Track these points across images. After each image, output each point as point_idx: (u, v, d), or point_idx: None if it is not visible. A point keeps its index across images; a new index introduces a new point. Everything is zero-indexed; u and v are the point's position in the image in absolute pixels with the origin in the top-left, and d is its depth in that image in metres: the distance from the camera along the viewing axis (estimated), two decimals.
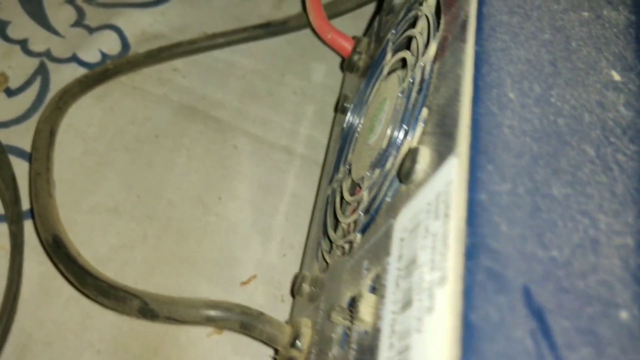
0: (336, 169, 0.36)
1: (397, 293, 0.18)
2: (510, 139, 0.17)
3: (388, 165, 0.26)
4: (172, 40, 0.46)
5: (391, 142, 0.26)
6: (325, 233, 0.33)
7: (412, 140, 0.23)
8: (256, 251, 0.39)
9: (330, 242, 0.31)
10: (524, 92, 0.18)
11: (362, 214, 0.26)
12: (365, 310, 0.20)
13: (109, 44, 0.45)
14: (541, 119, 0.18)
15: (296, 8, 0.52)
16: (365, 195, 0.27)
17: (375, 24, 0.39)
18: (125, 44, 0.45)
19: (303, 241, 0.40)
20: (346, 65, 0.41)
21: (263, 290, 0.38)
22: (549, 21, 0.21)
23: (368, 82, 0.35)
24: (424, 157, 0.20)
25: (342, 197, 0.32)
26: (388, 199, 0.23)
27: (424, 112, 0.22)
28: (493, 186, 0.16)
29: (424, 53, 0.25)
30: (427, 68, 0.24)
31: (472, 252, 0.15)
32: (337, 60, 0.51)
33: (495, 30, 0.20)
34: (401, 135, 0.25)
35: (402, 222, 0.20)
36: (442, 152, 0.18)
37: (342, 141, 0.37)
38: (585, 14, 0.22)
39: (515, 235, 0.15)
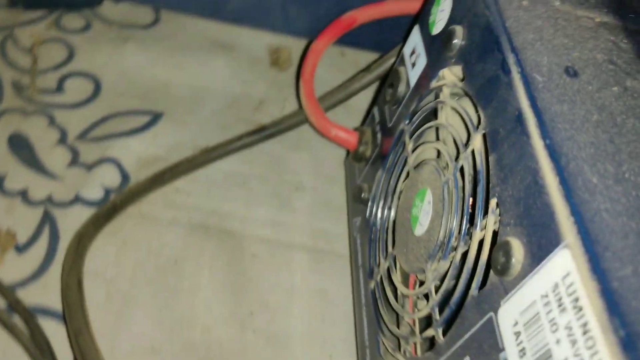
0: (374, 262, 0.36)
1: None
2: (611, 223, 0.18)
3: (452, 256, 0.26)
4: (169, 161, 0.46)
5: (451, 234, 0.27)
6: (381, 329, 0.33)
7: (484, 232, 0.24)
8: (302, 358, 0.38)
9: (397, 338, 0.31)
10: (602, 175, 0.20)
11: (436, 308, 0.27)
12: None
13: (109, 177, 0.44)
14: (627, 197, 0.19)
15: (275, 108, 0.54)
16: (432, 288, 0.27)
17: (376, 114, 0.40)
18: (124, 174, 0.45)
19: (345, 339, 0.40)
20: (353, 156, 0.42)
21: None
22: (591, 102, 0.23)
23: (389, 173, 0.36)
24: (517, 249, 0.20)
25: (395, 291, 0.33)
26: (474, 292, 0.23)
27: (493, 203, 0.23)
28: (618, 272, 0.17)
29: (466, 145, 0.26)
30: (478, 159, 0.25)
31: (630, 343, 0.15)
32: (327, 149, 0.52)
33: (554, 121, 0.21)
34: (463, 226, 0.25)
35: (509, 315, 0.21)
36: (542, 244, 0.19)
37: (371, 233, 0.37)
38: (615, 88, 0.24)
39: None
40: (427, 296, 0.28)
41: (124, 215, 0.42)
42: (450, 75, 0.31)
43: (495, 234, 0.23)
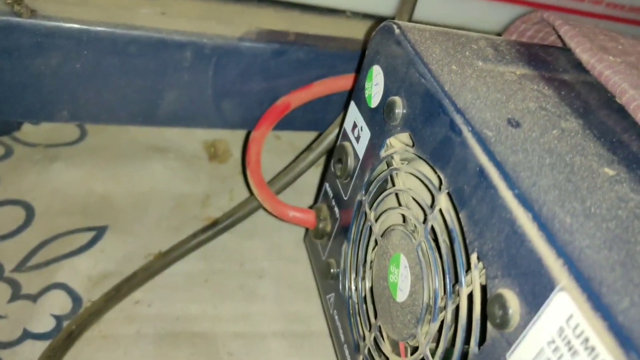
0: (358, 335, 0.36)
1: None
2: (596, 258, 0.19)
3: (442, 316, 0.27)
4: (122, 274, 0.44)
5: (436, 294, 0.27)
6: None
7: (470, 287, 0.24)
8: None
9: None
10: (573, 214, 0.21)
11: None
12: None
13: (59, 304, 0.42)
14: (600, 230, 0.20)
15: (223, 200, 0.54)
16: (427, 352, 0.27)
17: (329, 189, 0.41)
18: (75, 298, 0.42)
19: None
20: (313, 234, 0.42)
21: None
22: (540, 148, 0.24)
23: (355, 244, 0.36)
24: (512, 300, 0.21)
25: None
26: (474, 350, 0.24)
27: (474, 257, 0.24)
28: (619, 305, 0.18)
29: (432, 206, 0.27)
30: (448, 218, 0.26)
31: None
32: (282, 231, 0.52)
33: (516, 171, 0.22)
34: (447, 285, 0.26)
35: None
36: (536, 291, 0.20)
37: (349, 307, 0.37)
38: (554, 132, 0.26)
39: None
40: None
41: (82, 341, 0.40)
42: (398, 142, 0.32)
43: (484, 287, 0.23)
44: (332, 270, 0.39)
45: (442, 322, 0.26)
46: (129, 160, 0.55)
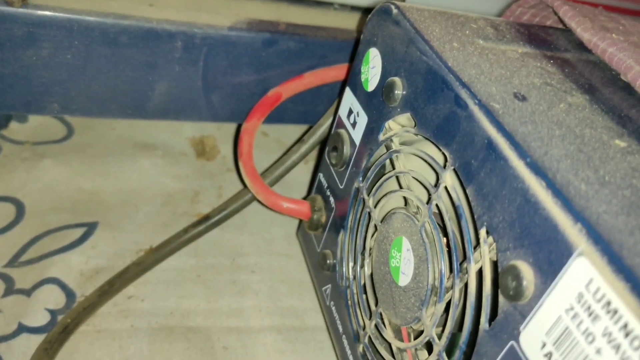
0: (358, 324, 0.35)
1: None
2: (614, 223, 0.19)
3: (449, 296, 0.26)
4: (114, 269, 0.43)
5: (442, 274, 0.26)
6: None
7: (479, 263, 0.24)
8: None
9: None
10: (587, 182, 0.20)
11: (443, 353, 0.26)
12: None
13: (53, 298, 0.40)
14: (616, 197, 0.20)
15: (212, 197, 0.53)
16: (434, 334, 0.27)
17: (323, 180, 0.40)
18: (69, 292, 0.41)
19: None
20: (308, 226, 0.41)
21: None
22: (548, 120, 0.24)
23: (352, 233, 0.35)
24: (526, 270, 0.20)
25: (389, 347, 0.31)
26: (485, 326, 0.23)
27: (483, 232, 0.23)
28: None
29: (436, 185, 0.27)
30: (454, 195, 0.25)
31: None
32: (273, 225, 0.51)
33: (526, 141, 0.22)
34: (454, 263, 0.25)
35: (534, 338, 0.20)
36: (552, 258, 0.19)
37: (346, 297, 0.36)
38: (562, 105, 0.26)
39: None
40: (429, 344, 0.28)
41: (77, 335, 0.39)
42: (396, 125, 0.32)
43: (494, 263, 0.23)
44: (328, 262, 0.39)
45: (449, 302, 0.26)
46: (116, 157, 0.54)
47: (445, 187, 0.26)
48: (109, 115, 0.46)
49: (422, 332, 0.28)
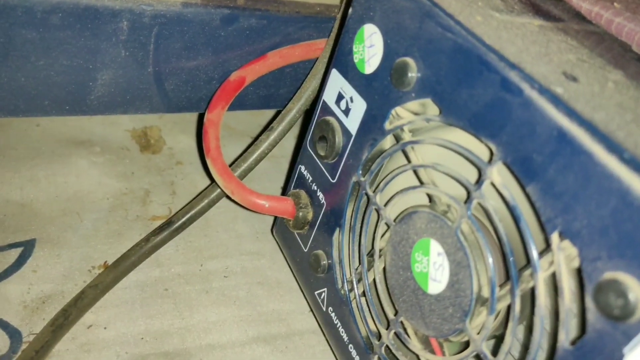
0: (370, 333, 0.31)
1: None
2: None
3: (502, 306, 0.23)
4: (65, 295, 0.37)
5: (492, 282, 0.23)
6: None
7: (548, 271, 0.21)
8: None
9: None
10: None
11: None
12: None
13: None
14: None
15: (165, 195, 0.47)
16: (484, 349, 0.24)
17: (306, 173, 0.36)
18: (12, 332, 0.34)
19: None
20: (293, 224, 0.37)
21: None
22: (609, 103, 0.21)
23: (353, 232, 0.32)
24: (634, 285, 0.18)
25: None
26: (564, 345, 0.20)
27: (555, 237, 0.20)
28: None
29: (478, 181, 0.23)
30: (506, 193, 0.22)
31: None
32: (240, 224, 0.47)
33: (611, 132, 0.19)
34: (511, 270, 0.22)
35: None
36: None
37: (350, 303, 0.33)
38: (610, 84, 0.23)
39: None
40: (478, 359, 0.25)
41: None
42: (405, 111, 0.28)
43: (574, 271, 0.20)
44: (322, 263, 0.35)
45: (508, 314, 0.23)
46: (46, 159, 0.47)
47: (492, 184, 0.23)
48: (42, 113, 0.39)
49: (463, 343, 0.25)
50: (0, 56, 0.35)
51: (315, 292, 0.37)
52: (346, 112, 0.32)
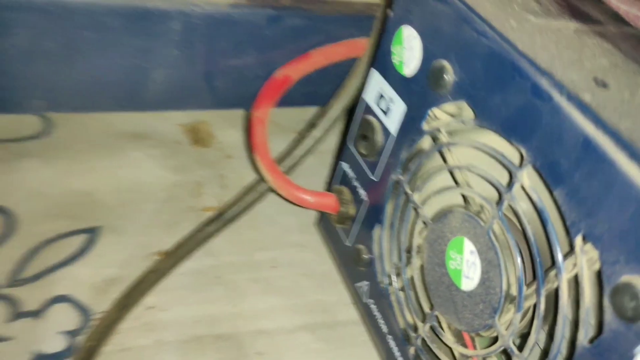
0: (407, 326, 0.33)
1: None
2: None
3: (529, 305, 0.24)
4: (128, 278, 0.40)
5: (520, 281, 0.24)
6: None
7: (572, 272, 0.22)
8: None
9: None
10: None
11: None
12: None
13: (66, 318, 0.37)
14: None
15: (216, 187, 0.49)
16: (511, 344, 0.25)
17: (348, 170, 0.38)
18: (83, 309, 0.38)
19: None
20: (336, 219, 0.39)
21: None
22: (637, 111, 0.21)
23: (392, 228, 0.33)
24: None
25: (451, 352, 0.30)
26: (583, 343, 0.21)
27: (578, 240, 0.21)
28: None
29: (509, 183, 0.24)
30: (535, 196, 0.23)
31: None
32: (286, 217, 0.48)
33: (634, 140, 0.19)
34: (538, 271, 0.23)
35: None
36: None
37: (389, 296, 0.34)
38: None
39: None
40: (505, 353, 0.26)
41: (101, 358, 0.36)
42: (443, 113, 0.29)
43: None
44: (363, 257, 0.36)
45: (534, 313, 0.24)
46: (105, 151, 0.50)
47: (523, 187, 0.24)
48: (100, 109, 0.42)
49: (492, 338, 0.27)
50: (63, 57, 0.37)
51: (357, 284, 0.38)
52: (386, 112, 0.33)
